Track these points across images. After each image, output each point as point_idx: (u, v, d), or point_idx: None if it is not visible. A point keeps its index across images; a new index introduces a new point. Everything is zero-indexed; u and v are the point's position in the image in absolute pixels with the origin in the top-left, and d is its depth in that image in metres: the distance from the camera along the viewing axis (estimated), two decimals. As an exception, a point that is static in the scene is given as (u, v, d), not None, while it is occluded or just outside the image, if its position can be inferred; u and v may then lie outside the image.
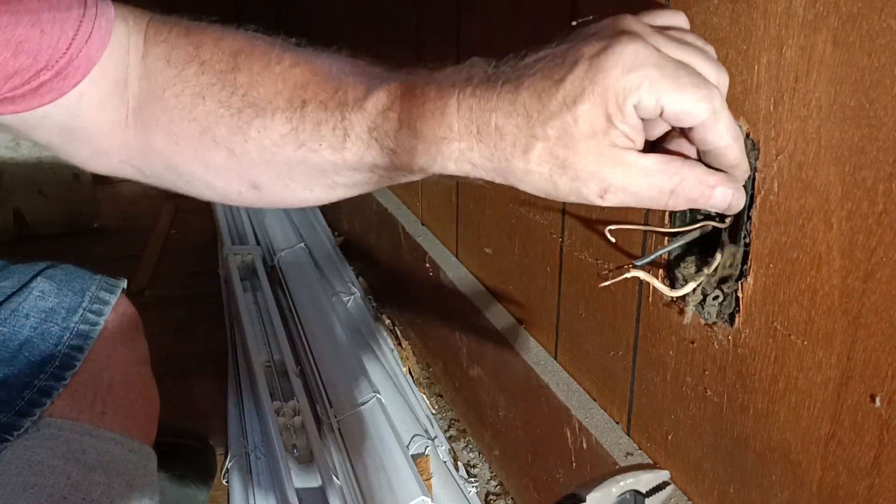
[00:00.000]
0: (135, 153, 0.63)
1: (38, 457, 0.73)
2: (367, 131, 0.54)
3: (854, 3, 0.48)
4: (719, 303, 0.63)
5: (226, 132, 0.59)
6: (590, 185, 0.47)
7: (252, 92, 0.58)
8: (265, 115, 0.58)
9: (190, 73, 0.60)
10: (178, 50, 0.60)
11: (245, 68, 0.59)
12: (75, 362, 0.80)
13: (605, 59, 0.45)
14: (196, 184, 0.64)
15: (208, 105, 0.59)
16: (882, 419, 0.51)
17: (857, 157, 0.49)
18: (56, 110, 0.59)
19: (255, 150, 0.59)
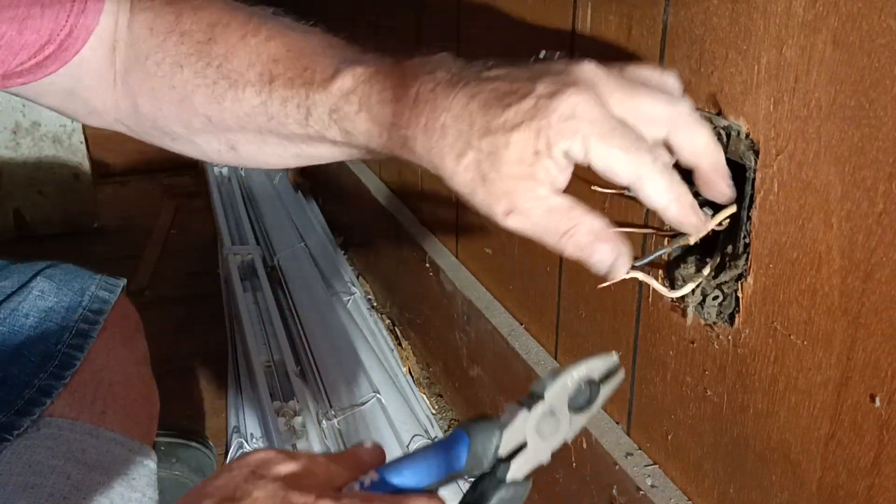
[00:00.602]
0: (124, 113, 0.67)
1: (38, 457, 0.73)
2: (328, 113, 0.56)
3: (854, 4, 0.48)
4: (719, 303, 0.63)
5: (203, 100, 0.62)
6: (500, 203, 0.50)
7: (226, 64, 0.61)
8: (237, 87, 0.60)
9: (170, 43, 0.63)
10: (161, 19, 0.63)
11: (221, 40, 0.61)
12: (75, 361, 0.80)
13: (549, 103, 0.48)
14: (181, 142, 0.67)
15: (186, 74, 0.62)
16: (882, 419, 0.51)
17: (857, 157, 0.49)
18: (61, 77, 0.64)
19: (231, 118, 0.62)
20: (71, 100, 0.66)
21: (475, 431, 0.44)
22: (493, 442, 0.44)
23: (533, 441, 0.46)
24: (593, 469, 0.84)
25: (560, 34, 0.80)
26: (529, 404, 0.46)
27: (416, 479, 0.42)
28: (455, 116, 0.50)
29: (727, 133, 0.59)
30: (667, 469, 0.76)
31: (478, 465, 0.44)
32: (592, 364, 0.49)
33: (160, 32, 0.63)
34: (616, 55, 0.72)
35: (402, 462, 0.43)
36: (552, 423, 0.47)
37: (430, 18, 1.20)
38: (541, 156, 0.49)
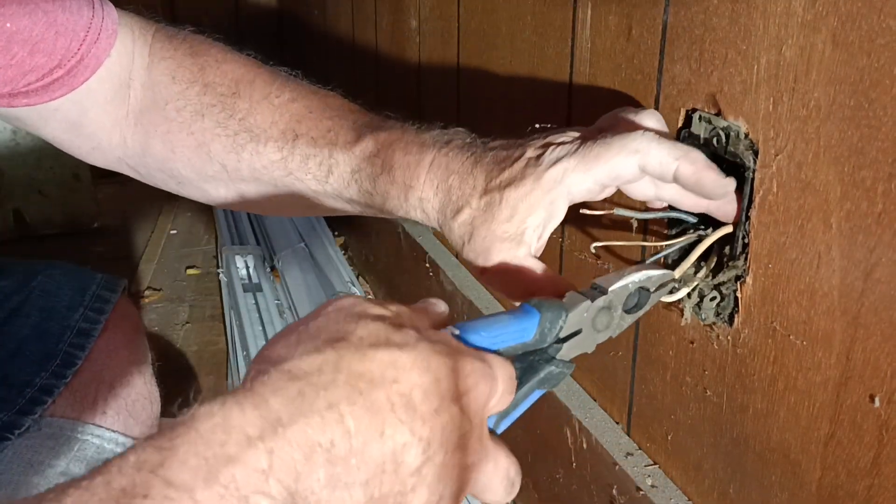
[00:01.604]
0: (132, 153, 0.68)
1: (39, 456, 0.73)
2: (350, 172, 0.60)
3: (853, 3, 0.48)
4: (716, 304, 0.63)
5: (220, 149, 0.64)
6: (479, 259, 0.55)
7: (249, 118, 0.63)
8: (259, 141, 0.63)
9: (193, 92, 0.65)
10: (184, 70, 0.65)
11: (245, 95, 0.64)
12: (76, 360, 0.80)
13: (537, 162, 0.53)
14: (188, 188, 0.69)
15: (206, 123, 0.64)
16: (881, 419, 0.51)
17: (857, 157, 0.50)
18: (66, 104, 0.64)
19: (246, 169, 0.64)
20: (75, 132, 0.67)
21: (545, 310, 0.47)
22: (559, 323, 0.47)
23: (587, 329, 0.50)
24: (593, 469, 0.84)
25: (560, 34, 0.80)
26: (593, 297, 0.50)
27: (487, 342, 0.44)
28: (461, 178, 0.55)
29: (726, 133, 0.59)
30: (667, 469, 0.76)
31: (541, 341, 0.47)
32: (652, 273, 0.53)
33: (183, 81, 0.65)
34: (616, 55, 0.72)
35: (479, 324, 0.44)
36: (605, 318, 0.51)
37: (430, 19, 1.20)
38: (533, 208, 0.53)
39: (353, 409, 0.35)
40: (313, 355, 0.37)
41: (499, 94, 0.98)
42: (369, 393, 0.36)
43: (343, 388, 0.36)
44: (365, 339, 0.38)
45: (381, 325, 0.39)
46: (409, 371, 0.37)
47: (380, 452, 0.36)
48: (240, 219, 1.92)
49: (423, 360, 0.38)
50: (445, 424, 0.37)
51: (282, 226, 1.85)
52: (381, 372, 0.37)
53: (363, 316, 0.40)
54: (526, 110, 0.91)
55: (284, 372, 0.36)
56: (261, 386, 0.35)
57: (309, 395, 0.35)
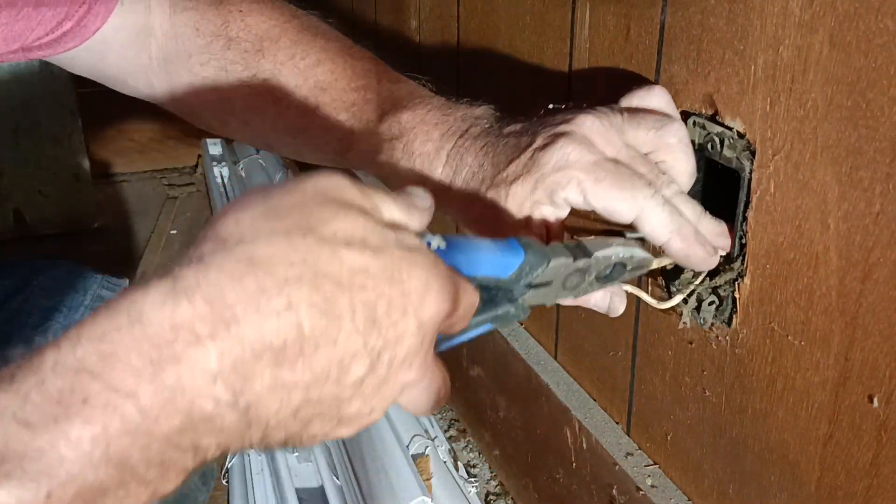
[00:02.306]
0: (160, 96, 0.69)
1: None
2: (370, 152, 0.60)
3: (851, 4, 0.48)
4: (715, 307, 0.63)
5: (243, 106, 0.64)
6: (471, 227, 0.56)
7: (273, 80, 0.63)
8: (280, 105, 0.62)
9: (217, 46, 0.64)
10: (206, 22, 0.65)
11: (270, 55, 0.63)
12: (76, 360, 0.80)
13: (542, 155, 0.52)
14: (215, 131, 0.70)
15: (230, 80, 0.64)
16: (880, 419, 0.51)
17: (854, 157, 0.49)
18: (82, 53, 0.65)
19: (269, 128, 0.64)
20: (100, 75, 0.68)
21: (531, 254, 0.46)
22: (538, 270, 0.47)
23: (556, 284, 0.49)
24: (593, 469, 0.84)
25: (559, 34, 0.80)
26: (576, 255, 0.49)
27: (466, 266, 0.42)
28: (472, 173, 0.55)
29: (720, 139, 0.59)
30: (666, 469, 0.76)
31: (514, 282, 0.46)
32: (636, 253, 0.53)
33: (206, 34, 0.64)
34: (614, 55, 0.72)
35: (463, 244, 0.44)
36: (577, 279, 0.50)
37: (429, 19, 1.20)
38: (539, 206, 0.53)
39: (312, 311, 0.33)
40: (280, 241, 0.33)
41: (498, 94, 0.98)
42: (333, 296, 0.33)
43: (307, 287, 0.33)
44: (339, 235, 0.35)
45: (360, 220, 0.36)
46: (378, 279, 0.35)
47: (328, 359, 0.34)
48: (240, 218, 1.91)
49: (394, 269, 0.35)
50: (399, 339, 0.36)
51: (282, 225, 1.86)
52: (350, 277, 0.34)
53: (343, 205, 0.36)
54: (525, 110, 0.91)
55: (246, 256, 0.33)
56: (217, 272, 0.32)
57: (269, 291, 0.32)
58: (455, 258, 0.42)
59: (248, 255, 0.33)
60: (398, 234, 0.37)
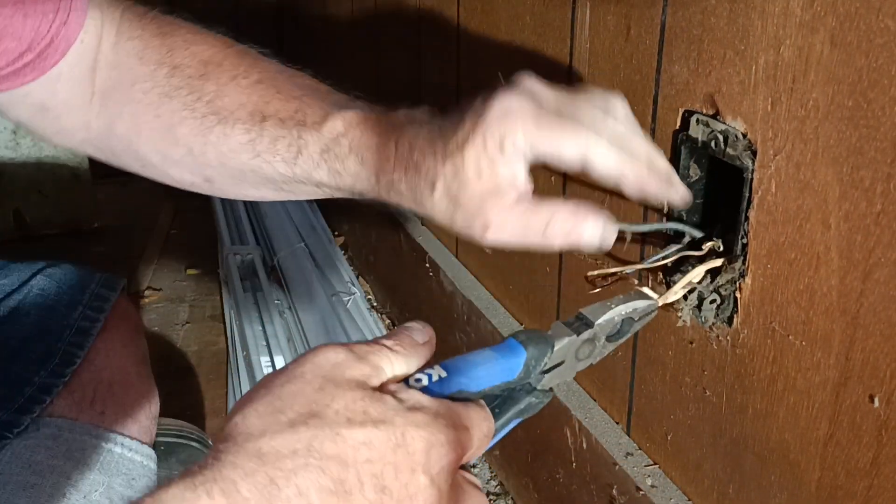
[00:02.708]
0: (96, 134, 0.67)
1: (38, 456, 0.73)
2: (319, 152, 0.59)
3: (851, 4, 0.48)
4: (716, 306, 0.63)
5: (187, 132, 0.63)
6: (475, 222, 0.53)
7: (217, 101, 0.62)
8: (226, 123, 0.62)
9: (161, 74, 0.63)
10: (151, 50, 0.64)
11: (213, 78, 0.63)
12: (75, 359, 0.80)
13: (485, 111, 0.52)
14: (152, 170, 0.67)
15: (174, 105, 0.63)
16: (881, 419, 0.51)
17: (855, 157, 0.49)
18: (37, 88, 0.63)
19: (213, 153, 0.63)
20: (42, 115, 0.66)
21: (531, 347, 0.47)
22: (544, 360, 0.48)
23: (569, 361, 0.50)
24: (593, 469, 0.84)
25: (559, 34, 0.80)
26: (579, 330, 0.50)
27: (472, 384, 0.44)
28: (423, 153, 0.54)
29: (724, 136, 0.59)
30: (666, 469, 0.76)
31: (525, 377, 0.47)
32: (638, 304, 0.54)
33: (150, 62, 0.64)
34: (614, 55, 0.72)
35: (464, 365, 0.44)
36: (588, 348, 0.51)
37: (429, 19, 1.20)
38: (495, 161, 0.51)
39: (322, 493, 0.35)
40: (286, 433, 0.37)
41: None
42: (340, 474, 0.36)
43: (314, 471, 0.36)
44: (341, 414, 0.38)
45: (359, 394, 0.39)
46: (382, 450, 0.37)
47: None
48: (240, 219, 1.91)
49: (398, 435, 0.38)
50: (413, 497, 0.38)
51: (282, 226, 1.85)
52: (354, 452, 0.37)
53: (340, 383, 0.39)
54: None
55: (255, 452, 0.36)
56: (231, 469, 0.35)
57: (279, 482, 0.35)
58: (458, 382, 0.43)
59: (257, 451, 0.36)
60: (398, 395, 0.40)
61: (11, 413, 0.75)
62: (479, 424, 0.42)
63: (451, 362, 0.44)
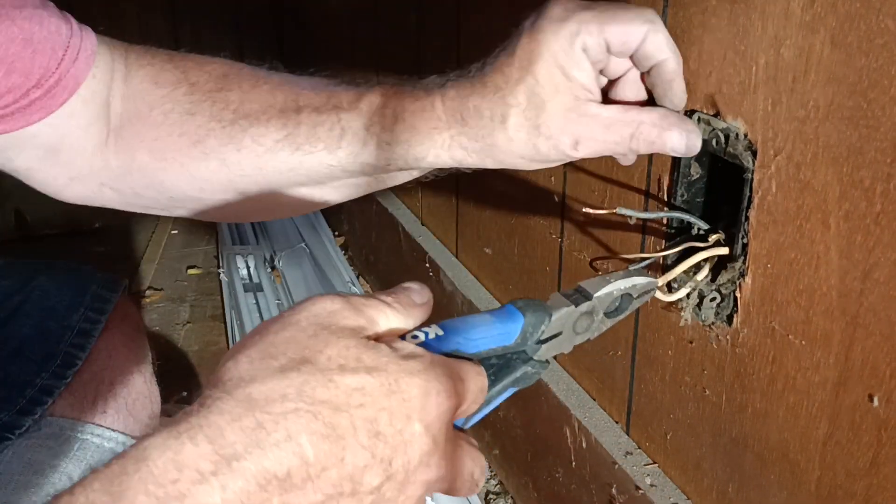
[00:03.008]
0: (116, 173, 0.64)
1: (39, 456, 0.73)
2: (364, 128, 0.57)
3: (852, 4, 0.48)
4: (716, 304, 0.63)
5: (217, 143, 0.61)
6: (563, 139, 0.52)
7: (244, 106, 0.61)
8: (260, 122, 0.60)
9: (179, 93, 0.62)
10: (166, 73, 0.63)
11: (235, 87, 0.62)
12: (77, 360, 0.80)
13: (540, 23, 0.51)
14: (181, 200, 0.65)
15: (199, 120, 0.61)
16: (880, 419, 0.51)
17: (855, 157, 0.50)
18: (45, 129, 0.61)
19: (248, 160, 0.61)
20: (52, 160, 0.63)
21: (529, 314, 0.47)
22: (541, 327, 0.48)
23: (567, 332, 0.50)
24: (593, 468, 0.84)
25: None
26: (577, 301, 0.50)
27: (468, 345, 0.44)
28: (480, 95, 0.53)
29: (725, 135, 0.59)
30: (666, 468, 0.76)
31: (522, 344, 0.47)
32: (637, 281, 0.53)
33: (166, 84, 0.62)
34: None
35: (461, 324, 0.44)
36: (586, 321, 0.51)
37: (430, 13, 1.21)
38: (568, 69, 0.51)
39: (313, 437, 0.35)
40: (276, 378, 0.36)
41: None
42: (332, 419, 0.35)
43: (305, 416, 0.35)
44: (333, 360, 0.37)
45: (353, 342, 0.38)
46: (376, 395, 0.37)
47: (338, 476, 0.35)
48: (240, 219, 1.92)
49: (392, 381, 0.37)
50: (408, 444, 0.37)
51: (282, 226, 1.85)
52: (347, 398, 0.36)
53: (335, 331, 0.38)
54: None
55: (244, 397, 0.35)
56: (217, 414, 0.34)
57: (268, 426, 0.34)
58: (454, 342, 0.43)
59: (246, 396, 0.35)
60: (393, 345, 0.39)
61: (12, 414, 0.75)
62: (474, 378, 0.42)
63: (448, 322, 0.44)
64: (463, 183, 1.14)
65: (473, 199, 1.12)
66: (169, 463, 0.33)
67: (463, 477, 0.41)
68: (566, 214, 0.85)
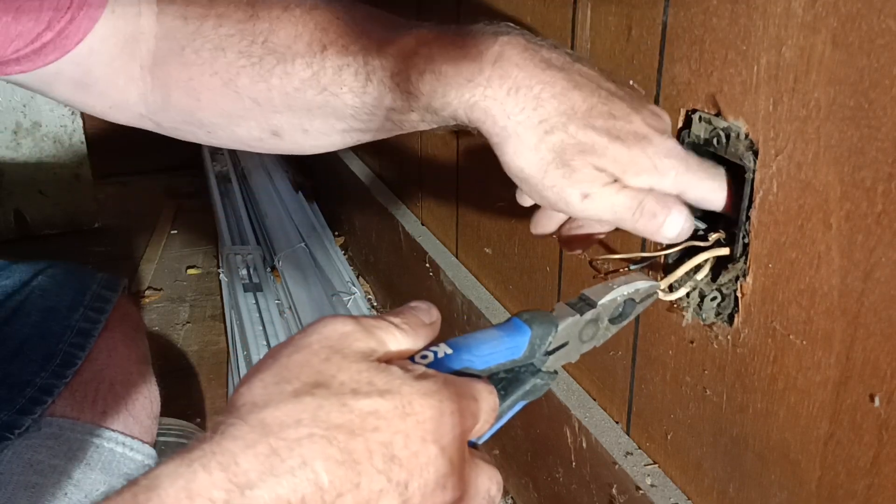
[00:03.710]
0: (154, 108, 0.64)
1: (39, 456, 0.73)
2: (390, 76, 0.55)
3: (853, 4, 0.48)
4: (717, 304, 0.63)
5: (248, 82, 0.60)
6: (575, 189, 0.51)
7: (272, 38, 0.58)
8: (285, 61, 0.58)
9: (208, 26, 0.60)
10: (193, 6, 0.61)
11: (263, 14, 0.59)
12: (76, 360, 0.80)
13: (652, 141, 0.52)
14: (219, 133, 0.64)
15: (229, 56, 0.60)
16: (881, 419, 0.51)
17: (857, 157, 0.50)
18: (67, 66, 0.60)
19: (279, 97, 0.59)
20: (84, 92, 0.63)
21: (536, 327, 0.47)
22: (548, 339, 0.48)
23: (573, 342, 0.50)
24: (593, 468, 0.84)
25: (560, 34, 0.80)
26: (582, 310, 0.50)
27: (477, 362, 0.44)
28: (555, 95, 0.50)
29: (726, 134, 0.59)
30: (666, 468, 0.76)
31: (530, 357, 0.47)
32: (640, 285, 0.54)
33: (194, 18, 0.61)
34: (615, 56, 0.72)
35: (469, 341, 0.44)
36: (592, 329, 0.51)
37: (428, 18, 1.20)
38: None
39: (328, 463, 0.34)
40: (291, 403, 0.36)
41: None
42: (347, 444, 0.35)
43: (319, 442, 0.35)
44: (347, 385, 0.37)
45: (365, 365, 0.38)
46: (390, 418, 0.36)
47: (353, 501, 0.35)
48: (240, 218, 1.92)
49: (406, 404, 0.37)
50: (424, 467, 0.37)
51: (282, 226, 1.85)
52: (362, 422, 0.36)
53: (347, 354, 0.38)
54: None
55: (258, 423, 0.35)
56: (231, 441, 0.34)
57: (282, 452, 0.34)
58: (464, 359, 0.43)
59: (260, 421, 0.35)
60: (404, 366, 0.39)
61: (12, 414, 0.75)
62: (486, 397, 0.42)
63: (456, 340, 0.44)
64: (463, 183, 1.14)
65: (473, 199, 1.12)
66: (181, 492, 0.32)
67: (480, 495, 0.41)
68: (567, 214, 0.85)
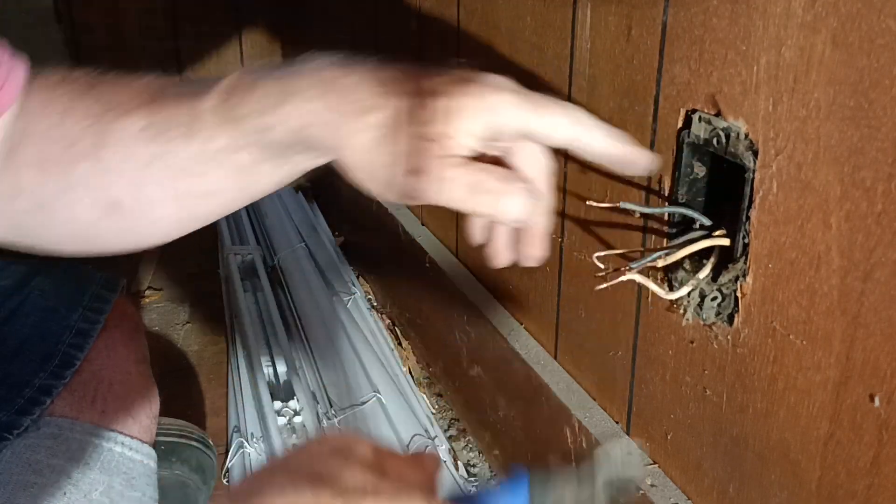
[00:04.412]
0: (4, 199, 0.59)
1: (38, 456, 0.73)
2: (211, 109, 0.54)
3: (853, 4, 0.48)
4: (717, 304, 0.63)
5: (90, 143, 0.57)
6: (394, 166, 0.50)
7: (114, 98, 0.57)
8: (125, 115, 0.56)
9: (58, 93, 0.58)
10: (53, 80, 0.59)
11: (108, 83, 0.58)
12: (75, 360, 0.80)
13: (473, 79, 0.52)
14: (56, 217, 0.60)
15: (76, 116, 0.57)
16: (881, 419, 0.51)
17: (856, 157, 0.50)
18: None
19: (117, 155, 0.56)
20: None
21: (536, 491, 0.49)
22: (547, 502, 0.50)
23: None
24: (593, 469, 0.84)
25: (560, 34, 0.80)
26: (581, 481, 0.51)
27: None
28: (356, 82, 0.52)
29: (726, 134, 0.59)
30: (666, 468, 0.76)
31: None
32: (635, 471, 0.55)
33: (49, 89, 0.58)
34: (615, 56, 0.72)
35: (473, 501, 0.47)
36: (587, 495, 0.52)
37: (429, 20, 1.21)
38: None
39: None
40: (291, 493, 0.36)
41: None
42: None
43: None
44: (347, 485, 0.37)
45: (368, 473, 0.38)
46: None
47: None
48: (240, 219, 1.92)
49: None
50: None
51: (282, 226, 1.86)
52: None
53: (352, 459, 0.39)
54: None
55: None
56: None
57: None
58: None
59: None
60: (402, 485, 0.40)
61: (11, 414, 0.75)
62: None
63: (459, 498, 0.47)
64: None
65: (473, 199, 1.12)
66: None
67: None
68: (566, 213, 0.85)
